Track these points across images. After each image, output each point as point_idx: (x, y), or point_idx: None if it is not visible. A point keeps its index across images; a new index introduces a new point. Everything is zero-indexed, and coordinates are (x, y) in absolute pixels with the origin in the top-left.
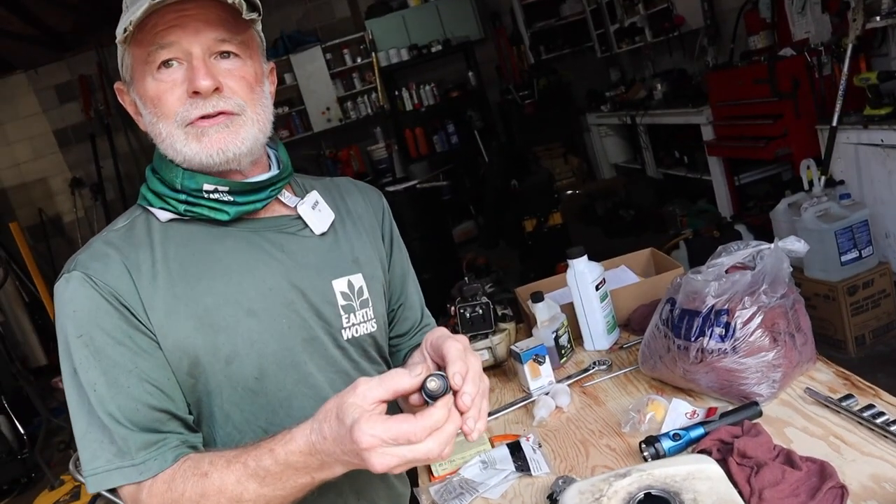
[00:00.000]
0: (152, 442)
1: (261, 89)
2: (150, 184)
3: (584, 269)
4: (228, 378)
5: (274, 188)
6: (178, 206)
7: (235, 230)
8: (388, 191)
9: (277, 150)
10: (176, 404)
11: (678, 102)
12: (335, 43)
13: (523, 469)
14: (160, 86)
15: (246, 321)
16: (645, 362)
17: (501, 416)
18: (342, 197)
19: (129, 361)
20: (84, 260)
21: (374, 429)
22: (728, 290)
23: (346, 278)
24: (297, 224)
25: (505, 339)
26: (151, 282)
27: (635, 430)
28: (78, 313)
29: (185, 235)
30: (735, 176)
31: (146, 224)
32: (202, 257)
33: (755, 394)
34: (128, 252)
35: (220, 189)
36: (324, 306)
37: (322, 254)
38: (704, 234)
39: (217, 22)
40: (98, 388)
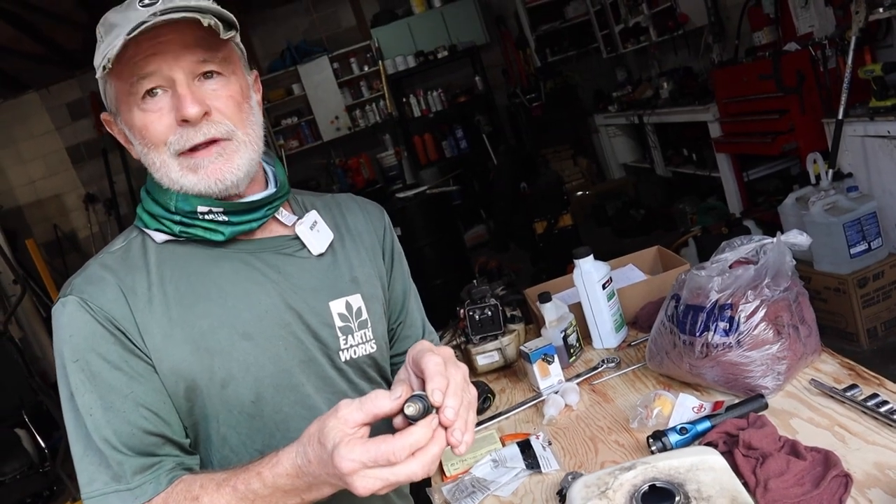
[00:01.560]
0: (147, 465)
1: (248, 105)
2: (144, 205)
3: (590, 268)
4: (224, 401)
5: (270, 207)
6: (174, 227)
7: (231, 252)
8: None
9: (274, 167)
10: (171, 428)
11: (685, 100)
12: (342, 52)
13: (533, 466)
14: (147, 116)
15: (241, 344)
16: (652, 359)
17: (512, 415)
18: (342, 214)
19: (124, 386)
20: (80, 284)
21: (353, 452)
22: (731, 284)
23: (343, 299)
24: (294, 244)
25: (514, 340)
26: (147, 305)
27: (643, 425)
28: (74, 338)
29: (181, 258)
30: (744, 172)
31: (142, 246)
32: (198, 280)
33: (761, 386)
34: (124, 275)
35: (215, 210)
36: (321, 328)
37: (320, 275)
38: (713, 231)
39: (195, 43)
40: (94, 413)
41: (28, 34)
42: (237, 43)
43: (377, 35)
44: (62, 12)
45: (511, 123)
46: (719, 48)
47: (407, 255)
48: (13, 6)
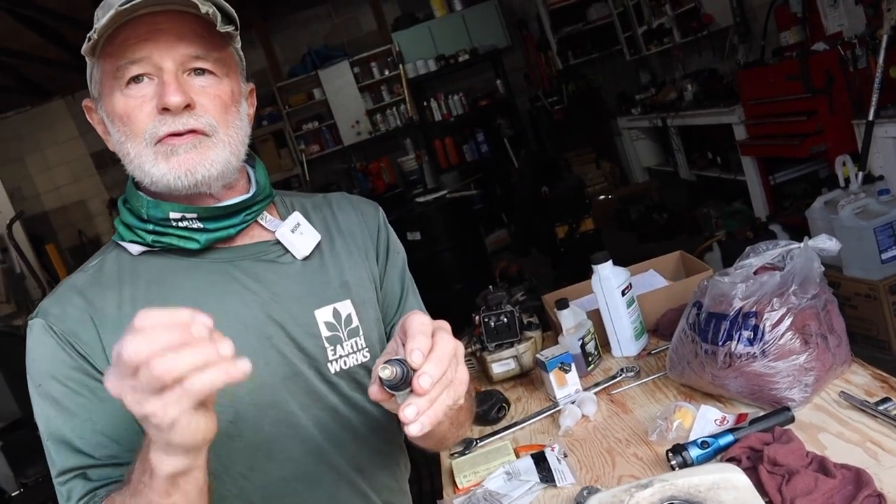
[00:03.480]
0: (94, 488)
1: (236, 110)
2: (121, 216)
3: (609, 274)
4: None
5: (249, 212)
6: (147, 236)
7: (207, 262)
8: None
9: (255, 170)
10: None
11: (709, 102)
12: (363, 56)
13: (548, 480)
14: (129, 102)
15: None
16: (673, 368)
17: (527, 425)
18: (334, 214)
19: (83, 412)
20: (46, 306)
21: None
22: (756, 291)
23: (331, 306)
24: (276, 250)
25: (531, 348)
26: (116, 324)
27: (662, 438)
28: (36, 363)
29: (155, 270)
30: (770, 175)
31: (117, 261)
32: (171, 294)
33: (787, 398)
34: (93, 296)
35: (188, 216)
36: (306, 339)
37: (304, 281)
38: (738, 236)
39: (191, 36)
40: (51, 438)
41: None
42: (237, 49)
43: (398, 39)
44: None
45: (533, 127)
46: (745, 49)
47: (427, 259)
48: (39, 14)
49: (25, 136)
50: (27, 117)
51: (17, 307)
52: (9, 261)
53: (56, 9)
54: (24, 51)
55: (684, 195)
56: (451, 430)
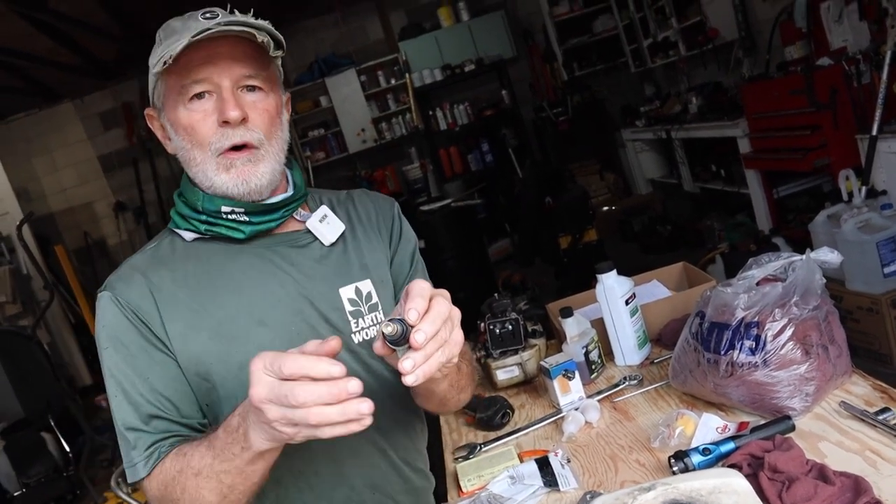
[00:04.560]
0: (157, 440)
1: (279, 121)
2: (177, 207)
3: (613, 283)
4: (240, 384)
5: (287, 209)
6: (200, 226)
7: (249, 248)
8: (423, 210)
9: (293, 173)
10: (185, 410)
11: (714, 115)
12: (369, 65)
13: (552, 484)
14: (193, 115)
15: (257, 330)
16: (676, 377)
17: (531, 431)
18: (355, 207)
19: (143, 371)
20: (113, 281)
21: (267, 354)
22: (758, 302)
23: (353, 285)
24: (306, 238)
25: (535, 355)
26: (171, 298)
27: (665, 444)
28: (105, 328)
29: (205, 254)
30: (773, 189)
31: (171, 245)
32: (219, 274)
33: (788, 407)
34: (151, 273)
35: (237, 210)
36: (332, 313)
37: (330, 264)
38: (741, 248)
39: (244, 58)
40: (119, 393)
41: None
42: (278, 66)
43: (405, 48)
44: (97, 24)
45: (537, 137)
46: (749, 63)
47: (430, 267)
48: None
49: (34, 137)
50: (36, 119)
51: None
52: (16, 261)
53: (68, 13)
54: (36, 54)
55: (688, 207)
56: (451, 391)
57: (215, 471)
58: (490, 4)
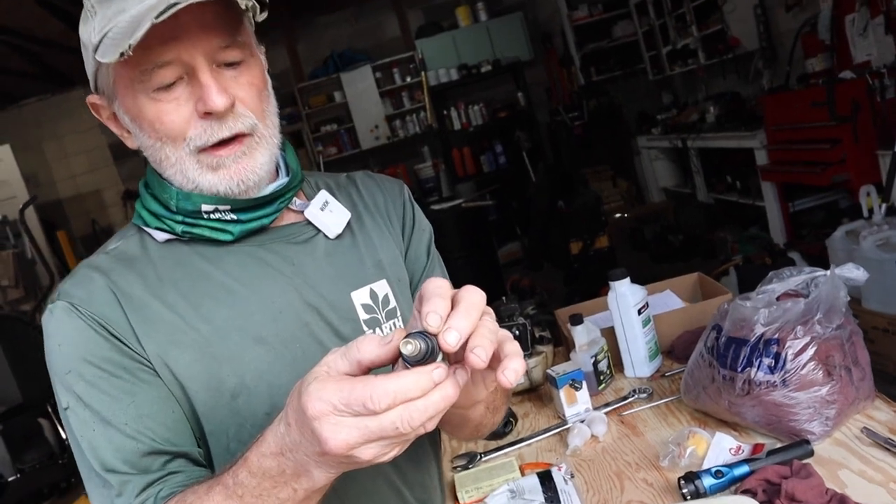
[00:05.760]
0: (152, 482)
1: (267, 92)
2: (144, 201)
3: (626, 291)
4: (235, 414)
5: (283, 200)
6: (175, 226)
7: (239, 246)
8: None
9: (286, 154)
10: (180, 439)
11: (731, 126)
12: (385, 62)
13: (553, 501)
14: (161, 106)
15: (253, 350)
16: (688, 392)
17: (534, 442)
18: (359, 192)
19: (125, 396)
20: (68, 288)
21: (322, 391)
22: (779, 318)
23: (367, 287)
24: (307, 231)
25: (542, 363)
26: (144, 308)
27: (674, 464)
28: (63, 347)
29: (184, 255)
30: (789, 202)
31: (140, 244)
32: (201, 280)
33: (806, 431)
34: (117, 276)
35: (221, 208)
36: (343, 324)
37: (338, 262)
38: (756, 261)
39: (216, 24)
40: (94, 429)
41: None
42: (249, 17)
43: (421, 46)
44: None
45: (551, 141)
46: (770, 74)
47: None
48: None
49: (45, 123)
50: (48, 104)
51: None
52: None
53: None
54: (49, 39)
55: (701, 218)
56: (486, 415)
57: None
58: (509, 6)
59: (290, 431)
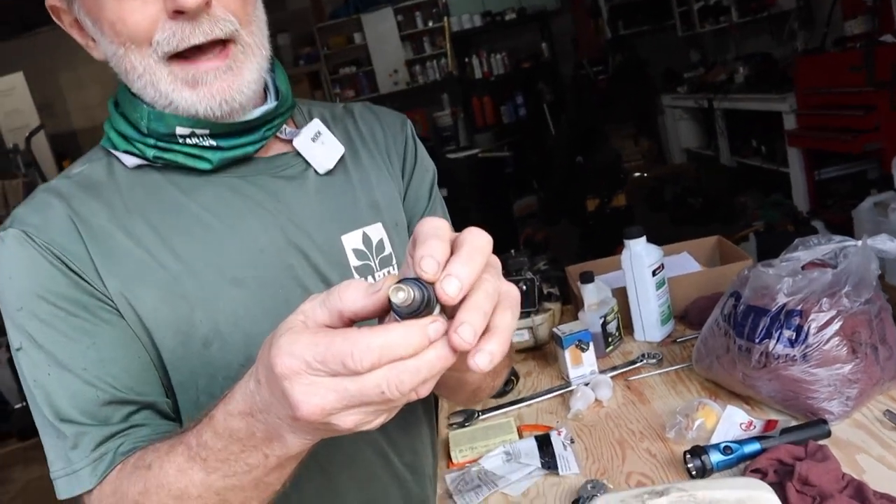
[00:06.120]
0: (112, 435)
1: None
2: (113, 121)
3: (641, 251)
4: (206, 364)
5: (269, 126)
6: (147, 150)
7: (219, 177)
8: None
9: (275, 75)
10: (146, 388)
11: (760, 87)
12: (407, 4)
13: (550, 466)
14: (123, 4)
15: (229, 292)
16: (700, 361)
17: (534, 403)
18: (356, 125)
19: (84, 336)
20: (22, 214)
21: (295, 344)
22: (803, 288)
23: (360, 230)
24: (296, 164)
25: (548, 320)
26: (107, 240)
27: (681, 436)
28: (15, 280)
29: (155, 185)
30: (815, 170)
31: (107, 169)
32: (174, 212)
33: (824, 410)
34: (78, 204)
35: (199, 132)
36: (332, 270)
37: (329, 201)
38: (778, 228)
39: None
40: (49, 374)
41: None
42: None
43: None
44: None
45: (574, 95)
46: (805, 35)
47: (452, 217)
48: None
49: (60, 52)
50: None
51: None
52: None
53: None
54: None
55: (723, 181)
56: (486, 378)
57: (214, 489)
58: None
59: (261, 389)
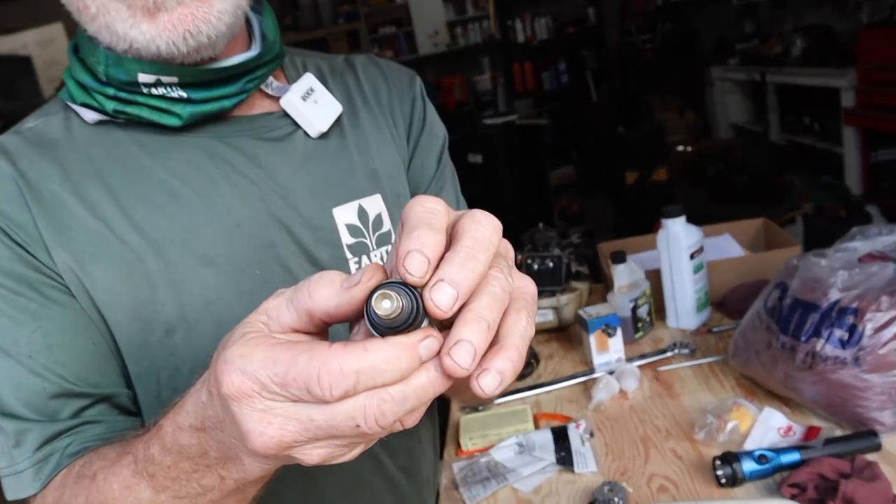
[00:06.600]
0: (56, 434)
1: None
2: (71, 69)
3: (679, 231)
4: (170, 355)
5: (252, 78)
6: (106, 103)
7: (191, 137)
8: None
9: (262, 19)
10: (101, 379)
11: (818, 61)
12: None
13: (565, 462)
14: None
15: (198, 272)
16: (737, 355)
17: (554, 389)
18: (358, 81)
19: (29, 319)
20: None
21: (248, 359)
22: (860, 283)
23: (355, 203)
24: (283, 125)
25: (574, 301)
26: (58, 209)
27: (711, 438)
28: None
29: (117, 145)
30: (871, 151)
31: (65, 126)
32: (138, 176)
33: (875, 420)
34: (26, 165)
35: (165, 80)
36: (321, 249)
37: (321, 167)
38: (828, 212)
39: None
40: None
41: None
42: None
43: None
44: None
45: (619, 64)
46: (871, 7)
47: (484, 186)
48: None
49: None
50: None
51: None
52: None
53: None
54: None
55: (770, 159)
56: None
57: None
58: None
59: (213, 403)
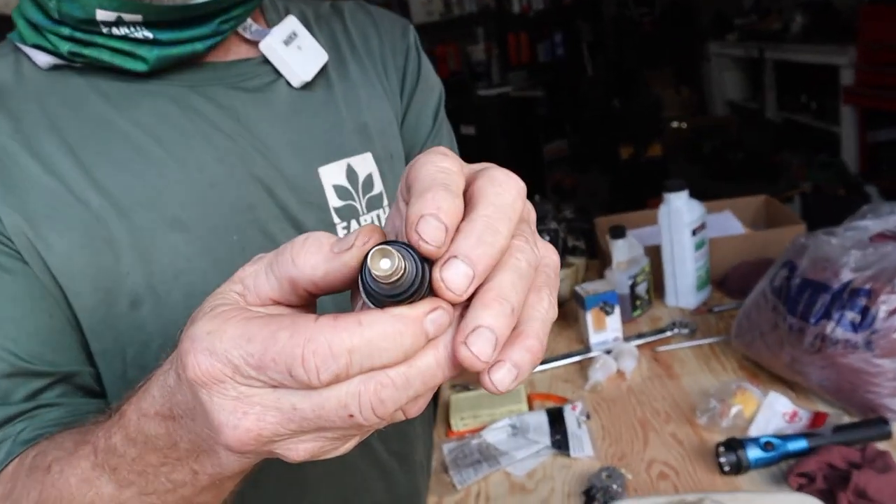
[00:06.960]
0: (8, 418)
1: None
2: (21, 6)
3: (681, 206)
4: (135, 330)
5: (227, 17)
6: (61, 44)
7: (159, 85)
8: (480, 94)
9: None
10: (59, 357)
11: (818, 38)
12: None
13: (560, 446)
14: None
15: (167, 238)
16: (740, 335)
17: (549, 368)
18: (345, 28)
19: None
20: None
21: (218, 336)
22: (874, 263)
23: (343, 162)
24: (263, 73)
25: (570, 276)
26: (8, 165)
27: (714, 423)
28: None
29: (76, 93)
30: (869, 131)
31: (15, 71)
32: (99, 128)
33: (886, 407)
34: None
35: (128, 19)
36: (305, 212)
37: (305, 122)
38: (826, 191)
39: None
40: None
41: None
42: None
43: None
44: None
45: (615, 37)
46: None
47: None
48: None
49: None
50: None
51: None
52: None
53: None
54: None
55: (766, 137)
56: None
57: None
58: None
59: (182, 388)
